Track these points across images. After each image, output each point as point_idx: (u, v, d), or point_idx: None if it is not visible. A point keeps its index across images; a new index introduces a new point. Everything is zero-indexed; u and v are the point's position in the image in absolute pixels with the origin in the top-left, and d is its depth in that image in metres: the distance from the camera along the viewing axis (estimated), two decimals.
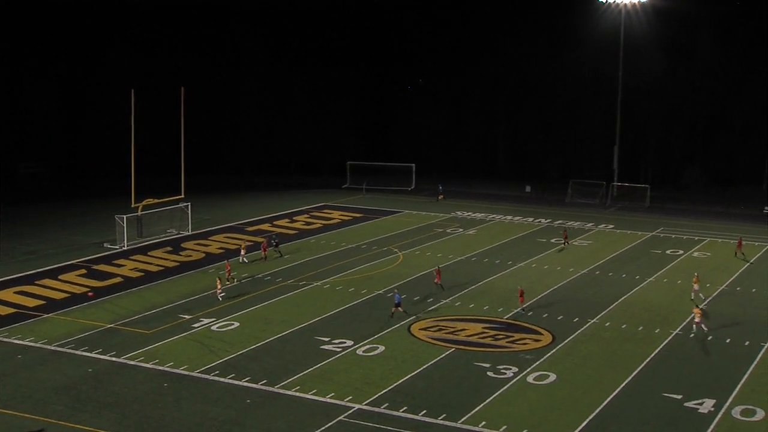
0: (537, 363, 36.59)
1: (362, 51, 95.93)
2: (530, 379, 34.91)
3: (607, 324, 42.24)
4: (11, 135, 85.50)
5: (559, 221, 69.25)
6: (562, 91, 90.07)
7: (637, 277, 51.64)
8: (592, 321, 42.60)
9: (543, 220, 69.80)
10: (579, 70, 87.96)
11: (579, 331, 41.07)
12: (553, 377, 35.07)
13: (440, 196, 79.41)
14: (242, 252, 54.51)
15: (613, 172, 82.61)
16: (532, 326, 41.64)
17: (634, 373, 35.60)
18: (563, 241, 60.36)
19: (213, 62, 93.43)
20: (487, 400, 32.60)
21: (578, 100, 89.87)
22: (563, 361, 36.95)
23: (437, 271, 49.07)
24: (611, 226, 68.17)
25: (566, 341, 39.52)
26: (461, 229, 66.02)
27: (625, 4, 79.37)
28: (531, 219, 70.46)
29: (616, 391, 33.64)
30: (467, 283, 49.27)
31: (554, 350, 38.33)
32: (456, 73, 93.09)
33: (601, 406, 32.16)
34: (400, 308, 42.85)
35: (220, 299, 45.44)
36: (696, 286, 46.73)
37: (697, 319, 40.79)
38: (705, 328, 40.83)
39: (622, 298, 47.03)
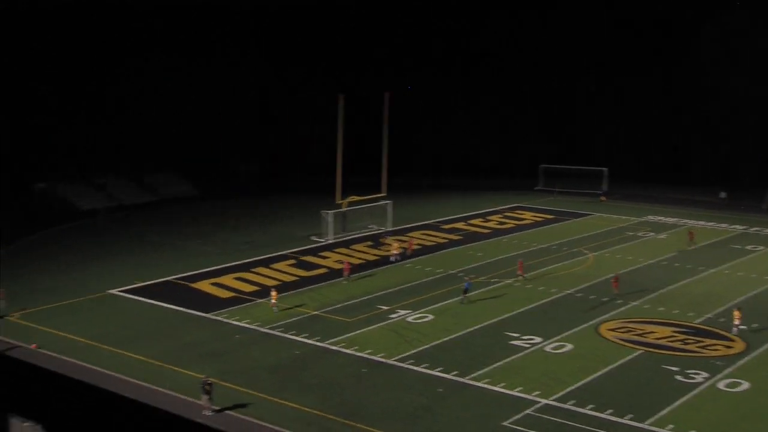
0: (729, 370, 35.86)
1: (556, 55, 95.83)
2: (721, 385, 34.23)
3: None
4: (230, 135, 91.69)
5: (756, 228, 66.88)
6: (758, 95, 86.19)
7: None
8: None
9: (738, 227, 67.49)
10: None
11: None
12: (746, 385, 34.23)
13: (602, 198, 78.86)
14: (395, 252, 56.01)
15: None
16: (724, 333, 40.99)
17: None
18: (690, 242, 59.31)
19: (415, 66, 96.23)
20: (675, 404, 32.34)
21: None
22: (757, 370, 35.97)
23: (520, 263, 50.74)
24: None
25: (760, 350, 38.49)
26: (652, 233, 65.12)
27: None
28: (725, 225, 68.26)
29: None
30: (657, 286, 48.88)
31: (747, 358, 37.38)
32: (651, 77, 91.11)
33: None
34: (466, 295, 44.92)
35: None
36: None
37: (736, 321, 40.16)
38: (743, 327, 40.67)
39: None
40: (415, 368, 36.11)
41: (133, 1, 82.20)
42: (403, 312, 44.13)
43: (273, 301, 44.30)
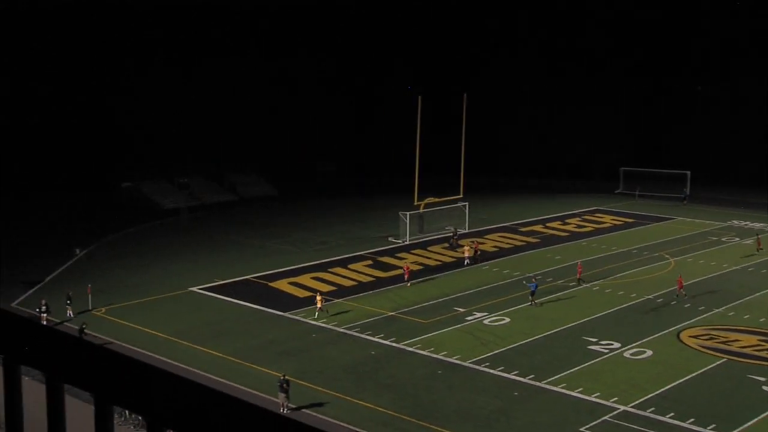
0: None
1: (637, 56, 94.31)
2: None
3: None
4: (310, 137, 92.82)
5: None
6: None
7: None
8: None
9: None
10: None
11: None
12: None
13: (684, 201, 77.68)
14: (467, 254, 55.34)
15: None
16: None
17: None
18: (758, 248, 57.54)
19: (492, 67, 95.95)
20: (762, 415, 31.38)
21: None
22: None
23: (579, 266, 50.42)
24: None
25: None
26: (737, 239, 63.36)
27: None
28: None
29: None
30: (742, 293, 47.57)
31: None
32: (738, 77, 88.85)
33: None
34: (532, 297, 44.46)
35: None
36: None
37: None
38: None
39: None
40: (491, 371, 35.98)
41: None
42: (479, 314, 44.01)
43: (318, 305, 43.66)
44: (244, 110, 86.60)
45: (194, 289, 49.36)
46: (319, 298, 44.47)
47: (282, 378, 32.34)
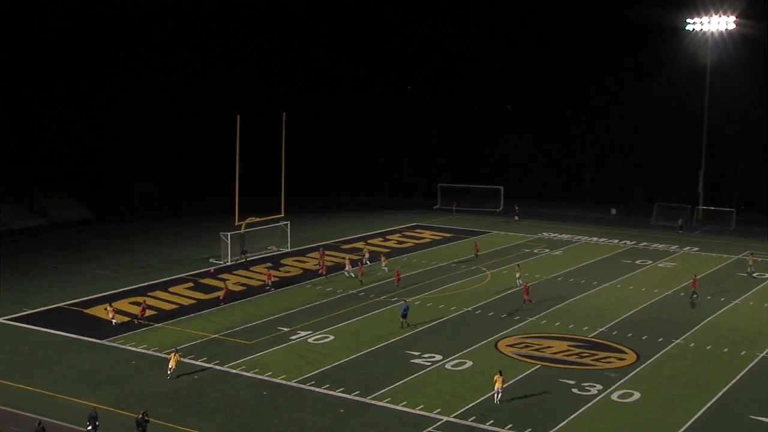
0: (621, 381, 37.04)
1: (454, 76, 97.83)
2: (614, 396, 35.32)
3: (692, 345, 42.53)
4: (128, 157, 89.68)
5: (644, 243, 69.60)
6: (648, 116, 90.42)
7: (723, 299, 51.61)
8: (677, 341, 42.95)
9: (628, 242, 70.18)
10: (666, 95, 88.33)
11: (663, 351, 41.46)
12: (637, 396, 35.43)
13: (516, 217, 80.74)
14: (347, 266, 56.98)
15: (698, 196, 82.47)
16: (616, 345, 42.25)
17: (720, 394, 35.68)
18: (476, 254, 62.68)
19: (313, 88, 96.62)
20: (572, 416, 33.15)
21: (664, 125, 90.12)
22: (647, 380, 37.31)
23: (397, 272, 53.74)
24: (696, 248, 68.13)
25: (650, 360, 39.94)
26: (547, 250, 66.86)
27: (712, 33, 79.67)
28: (616, 241, 70.94)
29: (701, 412, 33.78)
30: (553, 301, 50.05)
31: (638, 369, 38.75)
32: (544, 97, 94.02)
33: (686, 426, 32.35)
34: (405, 320, 44.35)
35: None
36: None
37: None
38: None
39: (707, 319, 47.17)
40: (317, 389, 36.07)
41: None
42: (303, 333, 43.99)
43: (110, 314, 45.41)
44: (57, 131, 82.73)
45: (0, 320, 46.44)
46: (109, 308, 45.72)
47: (140, 416, 30.62)
